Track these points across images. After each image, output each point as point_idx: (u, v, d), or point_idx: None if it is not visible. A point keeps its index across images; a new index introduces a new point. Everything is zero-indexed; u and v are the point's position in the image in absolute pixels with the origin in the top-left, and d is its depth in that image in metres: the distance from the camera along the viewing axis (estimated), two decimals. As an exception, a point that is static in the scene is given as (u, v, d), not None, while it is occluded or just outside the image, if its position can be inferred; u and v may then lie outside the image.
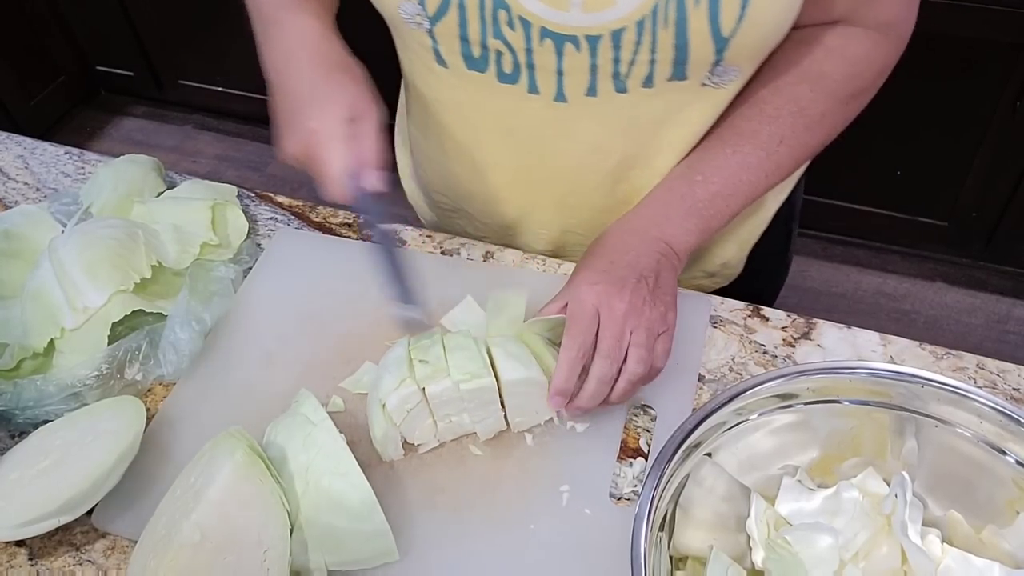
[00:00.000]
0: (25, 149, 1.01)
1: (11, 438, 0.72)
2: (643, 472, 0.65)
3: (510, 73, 0.69)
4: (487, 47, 0.67)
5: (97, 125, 2.69)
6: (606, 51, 0.65)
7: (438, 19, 0.66)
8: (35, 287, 0.74)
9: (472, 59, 0.70)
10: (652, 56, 0.65)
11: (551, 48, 0.66)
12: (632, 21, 0.62)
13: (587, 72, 0.67)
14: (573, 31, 0.64)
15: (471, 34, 0.67)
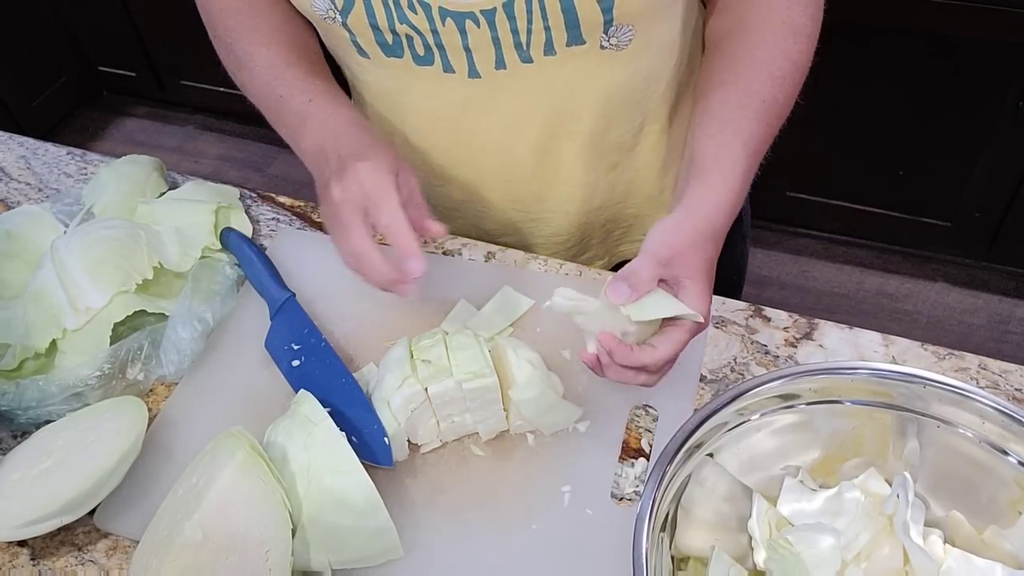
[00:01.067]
0: (27, 149, 1.01)
1: (13, 438, 0.72)
2: (645, 472, 0.65)
3: (423, 56, 0.71)
4: (397, 33, 0.69)
5: (99, 125, 2.69)
6: (503, 23, 0.66)
7: (348, 11, 0.68)
8: (37, 287, 0.75)
9: (387, 46, 0.71)
10: (545, 23, 0.66)
11: (453, 27, 0.67)
12: None
13: (491, 46, 0.69)
14: (469, 7, 0.65)
15: (379, 22, 0.68)
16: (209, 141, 2.62)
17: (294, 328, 0.75)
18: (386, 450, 0.64)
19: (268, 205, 0.91)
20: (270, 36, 0.77)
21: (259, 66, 0.76)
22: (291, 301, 0.77)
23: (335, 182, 0.65)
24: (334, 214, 0.65)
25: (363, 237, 0.63)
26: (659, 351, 0.59)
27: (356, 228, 0.63)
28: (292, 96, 0.73)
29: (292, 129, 0.73)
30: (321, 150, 0.69)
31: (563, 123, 0.76)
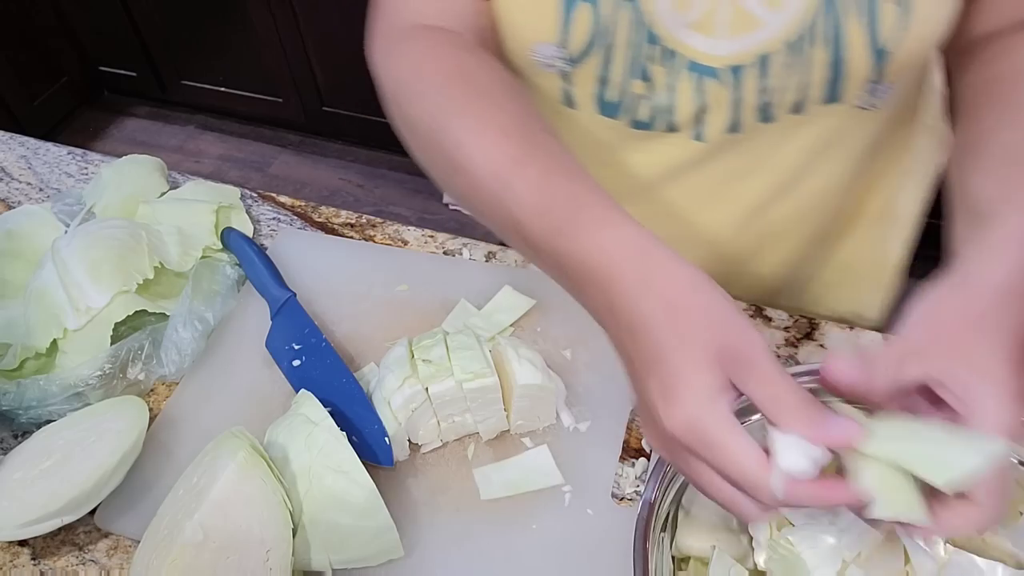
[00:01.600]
0: (28, 149, 1.01)
1: (14, 438, 0.72)
2: (645, 472, 0.65)
3: (645, 121, 0.65)
4: (626, 90, 0.63)
5: (100, 125, 2.70)
6: (751, 80, 0.60)
7: (579, 61, 0.61)
8: (38, 287, 0.75)
9: (606, 104, 0.64)
10: (804, 79, 0.59)
11: (693, 85, 0.61)
12: (781, 43, 0.58)
13: (728, 108, 0.62)
14: (719, 63, 0.60)
15: (613, 75, 0.62)
16: (210, 141, 2.62)
17: (295, 328, 0.75)
18: (387, 450, 0.64)
19: (269, 205, 0.91)
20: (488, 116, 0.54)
21: (479, 167, 0.52)
22: (292, 301, 0.77)
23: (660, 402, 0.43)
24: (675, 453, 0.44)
25: None
26: None
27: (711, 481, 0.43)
28: (531, 220, 0.49)
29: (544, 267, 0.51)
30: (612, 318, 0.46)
31: (786, 184, 0.69)
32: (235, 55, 2.37)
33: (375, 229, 0.87)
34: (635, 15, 0.59)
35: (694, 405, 0.41)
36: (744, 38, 0.58)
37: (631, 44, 0.60)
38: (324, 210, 0.90)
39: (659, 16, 0.59)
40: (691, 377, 0.41)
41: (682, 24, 0.59)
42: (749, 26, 0.58)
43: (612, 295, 0.45)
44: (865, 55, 0.57)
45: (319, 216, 0.90)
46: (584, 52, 0.61)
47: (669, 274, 0.44)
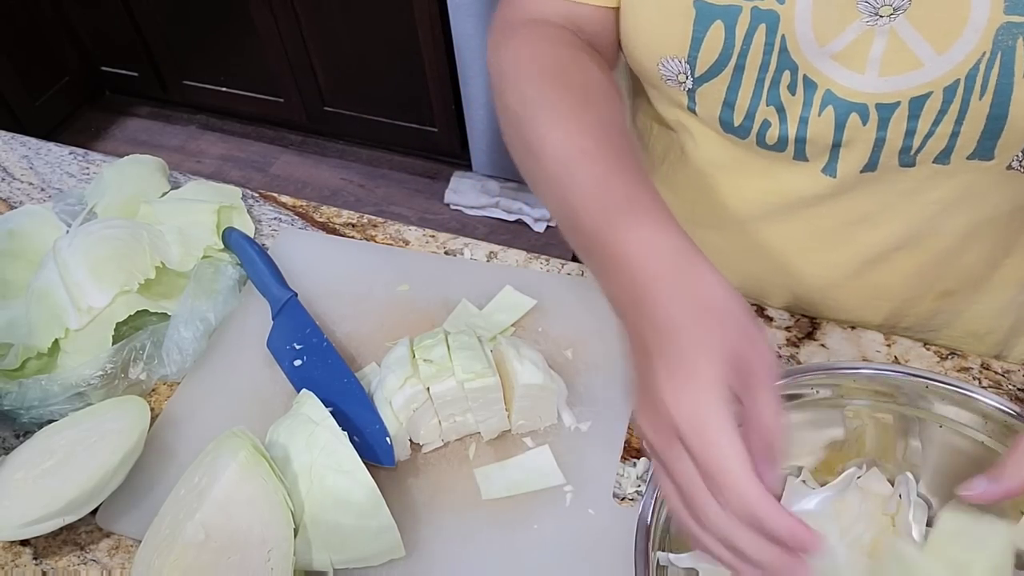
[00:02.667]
0: (30, 149, 1.01)
1: (16, 438, 0.72)
2: (647, 472, 0.65)
3: (774, 144, 0.61)
4: (753, 116, 0.60)
5: (102, 125, 2.70)
6: (899, 123, 0.56)
7: (706, 80, 0.59)
8: (40, 287, 0.75)
9: (730, 126, 0.61)
10: (956, 128, 0.55)
11: (831, 118, 0.57)
12: (939, 87, 0.53)
13: (870, 146, 0.58)
14: (863, 99, 0.56)
15: (740, 99, 0.59)
16: (211, 141, 2.63)
17: (296, 328, 0.75)
18: (388, 450, 0.64)
19: (270, 205, 0.91)
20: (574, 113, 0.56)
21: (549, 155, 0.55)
22: (293, 301, 0.77)
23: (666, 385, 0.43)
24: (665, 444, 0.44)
25: None
26: None
27: None
28: (586, 208, 0.51)
29: (589, 258, 0.53)
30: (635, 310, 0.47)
31: (914, 236, 0.64)
32: (237, 55, 2.37)
33: (376, 229, 0.87)
34: (771, 39, 0.56)
35: (705, 393, 0.42)
36: (898, 79, 0.54)
37: (763, 69, 0.57)
38: (325, 210, 0.90)
39: (799, 42, 0.55)
40: (705, 368, 0.42)
41: (825, 55, 0.55)
42: (906, 66, 0.53)
43: (642, 288, 0.46)
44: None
45: (320, 216, 0.90)
46: (713, 71, 0.59)
47: (707, 283, 0.45)
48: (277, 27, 2.21)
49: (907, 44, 0.53)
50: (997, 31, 0.51)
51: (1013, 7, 0.50)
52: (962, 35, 0.51)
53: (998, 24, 0.51)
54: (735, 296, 0.45)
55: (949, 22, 0.52)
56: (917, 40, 0.53)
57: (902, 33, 0.53)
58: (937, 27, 0.52)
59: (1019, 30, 0.50)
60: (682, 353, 0.43)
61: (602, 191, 0.51)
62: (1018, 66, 0.51)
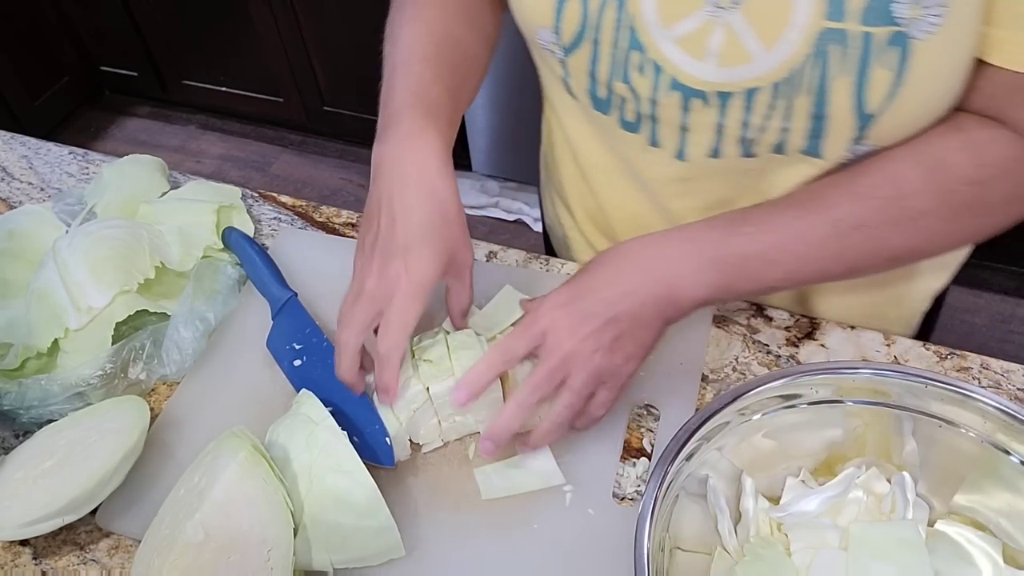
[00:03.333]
0: (29, 149, 1.01)
1: (15, 437, 0.72)
2: (646, 472, 0.65)
3: (632, 122, 0.66)
4: (613, 90, 0.64)
5: (101, 125, 2.70)
6: (736, 111, 0.59)
7: (571, 51, 0.63)
8: (39, 287, 0.75)
9: (597, 99, 0.66)
10: (786, 124, 0.58)
11: (677, 101, 0.61)
12: (768, 82, 0.56)
13: (712, 131, 0.62)
14: (704, 86, 0.59)
15: (600, 72, 0.63)
16: (211, 141, 2.63)
17: (296, 328, 0.75)
18: (388, 450, 0.64)
19: (270, 205, 0.91)
20: (429, 22, 0.69)
21: (398, 45, 0.68)
22: (293, 301, 0.77)
23: (376, 268, 0.61)
24: (358, 296, 0.62)
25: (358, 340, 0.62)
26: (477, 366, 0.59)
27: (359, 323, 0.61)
28: (402, 91, 0.65)
29: (380, 124, 0.67)
30: (381, 174, 0.64)
31: None
32: (236, 55, 2.37)
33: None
34: (619, 16, 0.59)
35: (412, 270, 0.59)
36: (733, 70, 0.57)
37: (615, 45, 0.61)
38: (325, 210, 0.90)
39: (644, 23, 0.59)
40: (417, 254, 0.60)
41: (668, 38, 0.58)
42: (740, 59, 0.57)
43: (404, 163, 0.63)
44: (849, 115, 0.56)
45: (320, 216, 0.90)
46: (574, 44, 0.63)
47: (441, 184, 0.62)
48: (277, 27, 2.21)
49: (740, 38, 0.56)
50: (817, 35, 0.53)
51: (831, 13, 0.52)
52: (783, 35, 0.54)
53: (818, 28, 0.53)
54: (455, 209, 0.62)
55: (775, 20, 0.54)
56: (749, 35, 0.55)
57: (736, 26, 0.56)
58: (765, 24, 0.55)
59: (836, 36, 0.53)
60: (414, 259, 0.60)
61: (422, 90, 0.65)
62: (833, 69, 0.54)
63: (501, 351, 0.59)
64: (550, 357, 0.58)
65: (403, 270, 0.60)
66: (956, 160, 0.57)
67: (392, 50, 0.69)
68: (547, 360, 0.58)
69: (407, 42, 0.68)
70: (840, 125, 0.57)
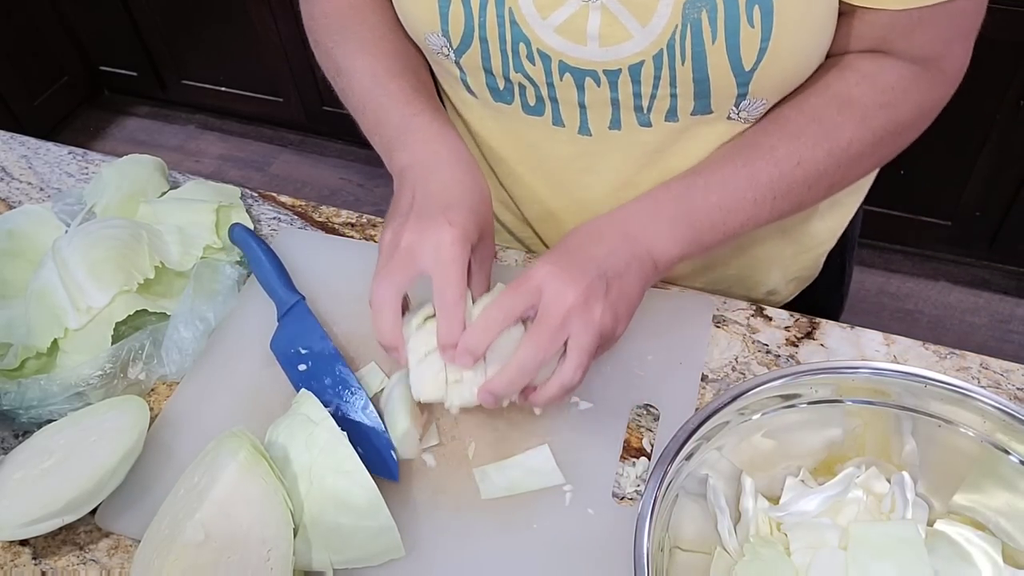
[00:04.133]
0: (29, 149, 1.01)
1: (15, 437, 0.72)
2: (646, 472, 0.65)
3: (534, 105, 0.68)
4: (510, 80, 0.66)
5: (100, 125, 2.70)
6: (625, 85, 0.63)
7: (462, 51, 0.65)
8: (39, 287, 0.75)
9: (497, 91, 0.69)
10: (672, 90, 0.62)
11: (571, 82, 0.64)
12: (648, 56, 0.60)
13: (608, 105, 0.66)
14: (591, 66, 0.62)
15: (494, 67, 0.66)
16: (210, 140, 2.62)
17: (303, 332, 0.74)
18: (392, 464, 0.64)
19: (269, 204, 0.91)
20: (376, 46, 0.71)
21: (360, 73, 0.70)
22: (301, 305, 0.77)
23: (412, 225, 0.60)
24: (392, 254, 0.61)
25: (397, 296, 0.61)
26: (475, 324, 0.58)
27: (398, 281, 0.60)
28: (394, 106, 0.68)
29: (388, 141, 0.68)
30: (413, 172, 0.64)
31: None
32: (235, 55, 2.37)
33: (375, 229, 0.87)
34: (500, 12, 0.61)
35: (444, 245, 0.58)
36: (614, 48, 0.60)
37: (502, 40, 0.63)
38: (325, 210, 0.90)
39: (523, 16, 0.61)
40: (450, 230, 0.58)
41: (548, 28, 0.61)
42: (620, 38, 0.59)
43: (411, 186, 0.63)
44: (727, 74, 0.59)
45: (320, 216, 0.90)
46: (464, 44, 0.65)
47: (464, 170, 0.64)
48: (276, 26, 2.21)
49: (618, 18, 0.59)
50: (684, 5, 0.57)
51: None
52: (656, 10, 0.58)
53: None
54: (482, 189, 0.63)
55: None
56: (625, 15, 0.59)
57: (612, 8, 0.59)
58: (637, 3, 0.58)
59: (702, 3, 0.57)
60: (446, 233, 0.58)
61: (411, 97, 0.68)
62: (706, 35, 0.58)
63: (499, 309, 0.57)
64: (551, 312, 0.57)
65: (445, 223, 0.58)
66: (859, 92, 0.63)
67: (351, 81, 0.71)
68: (549, 316, 0.57)
69: (367, 68, 0.70)
70: (721, 84, 0.61)
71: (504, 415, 0.68)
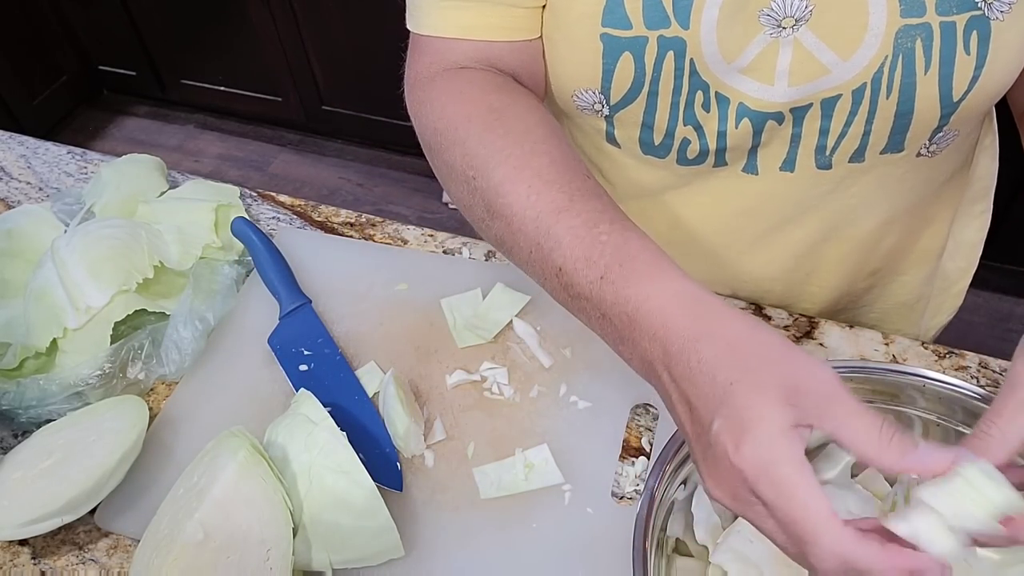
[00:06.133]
0: (28, 149, 1.01)
1: (14, 437, 0.72)
2: (645, 471, 0.65)
3: (693, 159, 0.64)
4: (672, 135, 0.61)
5: (100, 125, 2.69)
6: (813, 121, 0.58)
7: (621, 107, 0.60)
8: (38, 287, 0.75)
9: (651, 145, 0.63)
10: (867, 127, 0.58)
11: (747, 128, 0.59)
12: (848, 90, 0.56)
13: (787, 143, 0.60)
14: (777, 108, 0.57)
15: (657, 121, 0.61)
16: (209, 140, 2.62)
17: (307, 334, 0.74)
18: (397, 474, 0.64)
19: (268, 204, 0.91)
20: (527, 162, 0.53)
21: (518, 215, 0.52)
22: (307, 307, 0.76)
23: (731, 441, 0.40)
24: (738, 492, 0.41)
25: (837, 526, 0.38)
26: None
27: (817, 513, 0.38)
28: (577, 270, 0.49)
29: (590, 320, 0.51)
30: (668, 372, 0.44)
31: (838, 228, 0.68)
32: (234, 54, 2.37)
33: (375, 228, 0.87)
34: (680, 63, 0.57)
35: (768, 440, 0.39)
36: (807, 86, 0.56)
37: (676, 92, 0.59)
38: (324, 209, 0.90)
39: (707, 63, 0.57)
40: (764, 411, 0.39)
41: (734, 71, 0.57)
42: (814, 74, 0.55)
43: (667, 343, 0.43)
44: (935, 105, 0.56)
45: (319, 215, 0.90)
46: (627, 99, 0.60)
47: (726, 319, 0.43)
48: (275, 26, 2.20)
49: (812, 53, 0.54)
50: (896, 34, 0.53)
51: (908, 10, 0.52)
52: (864, 41, 0.53)
53: (896, 28, 0.53)
54: (758, 323, 0.43)
55: (850, 30, 0.53)
56: (822, 48, 0.54)
57: (806, 43, 0.54)
58: (839, 35, 0.54)
59: (917, 31, 0.53)
60: (737, 404, 0.40)
61: (588, 245, 0.48)
62: (918, 65, 0.54)
63: None
64: None
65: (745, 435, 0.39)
66: None
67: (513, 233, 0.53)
68: None
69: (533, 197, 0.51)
70: (925, 117, 0.57)
71: (504, 414, 0.68)
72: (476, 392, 0.71)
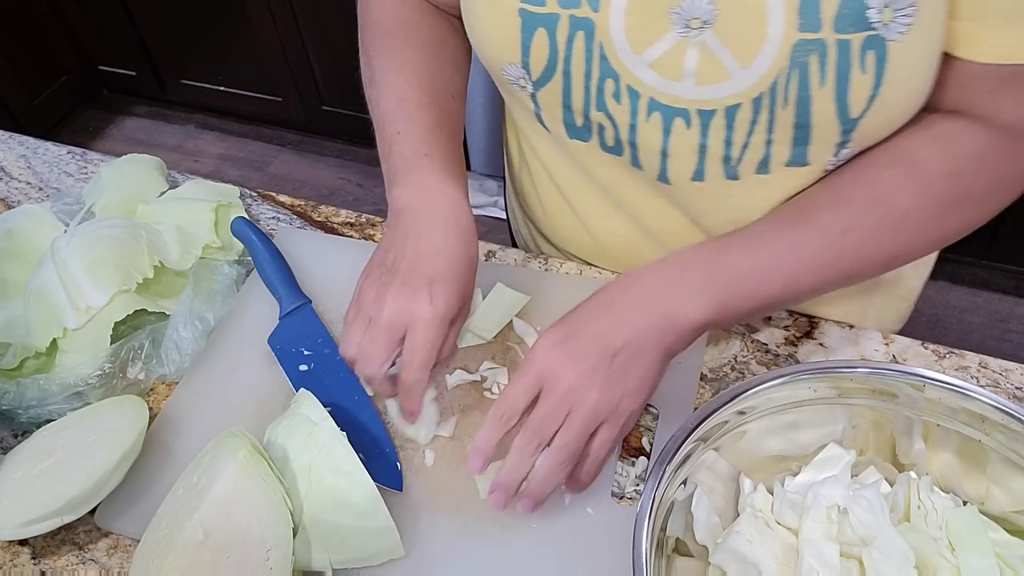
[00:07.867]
0: (28, 149, 1.01)
1: (14, 437, 0.72)
2: (645, 471, 0.65)
3: (612, 146, 0.66)
4: (589, 118, 0.64)
5: (99, 125, 2.69)
6: (718, 130, 0.59)
7: (541, 85, 0.63)
8: (38, 287, 0.75)
9: (574, 127, 0.66)
10: (768, 136, 0.59)
11: (658, 124, 0.61)
12: (747, 98, 0.57)
13: (695, 153, 0.62)
14: (684, 104, 0.59)
15: (574, 103, 0.63)
16: (209, 140, 2.62)
17: (307, 334, 0.74)
18: (397, 475, 0.64)
19: (268, 204, 0.91)
20: (413, 67, 0.70)
21: (389, 92, 0.70)
22: (307, 308, 0.77)
23: (395, 294, 0.60)
24: (374, 320, 0.61)
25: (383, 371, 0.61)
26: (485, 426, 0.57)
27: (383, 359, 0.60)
28: (409, 139, 0.67)
29: (394, 172, 0.67)
30: (408, 218, 0.64)
31: None
32: (234, 54, 2.37)
33: (375, 228, 0.87)
34: (589, 45, 0.59)
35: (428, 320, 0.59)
36: (711, 88, 0.57)
37: (588, 75, 0.60)
38: (324, 209, 0.90)
39: (616, 50, 0.58)
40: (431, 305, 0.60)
41: (642, 63, 0.58)
42: (718, 77, 0.56)
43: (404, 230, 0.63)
44: (833, 121, 0.56)
45: (319, 215, 0.90)
46: (544, 78, 0.62)
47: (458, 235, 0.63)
48: (275, 26, 2.20)
49: (717, 56, 0.56)
50: (793, 47, 0.53)
51: (806, 25, 0.52)
52: (761, 51, 0.54)
53: (793, 41, 0.53)
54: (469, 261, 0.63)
55: (750, 38, 0.54)
56: (724, 53, 0.55)
57: (711, 45, 0.55)
58: (740, 42, 0.55)
59: (812, 46, 0.53)
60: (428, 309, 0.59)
61: (430, 136, 0.67)
62: (813, 79, 0.54)
63: (503, 406, 0.56)
64: (548, 399, 0.55)
65: (427, 301, 0.59)
66: (927, 155, 0.58)
67: (380, 96, 0.70)
68: (546, 401, 0.55)
69: (397, 89, 0.69)
70: (824, 131, 0.57)
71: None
72: (476, 392, 0.71)
